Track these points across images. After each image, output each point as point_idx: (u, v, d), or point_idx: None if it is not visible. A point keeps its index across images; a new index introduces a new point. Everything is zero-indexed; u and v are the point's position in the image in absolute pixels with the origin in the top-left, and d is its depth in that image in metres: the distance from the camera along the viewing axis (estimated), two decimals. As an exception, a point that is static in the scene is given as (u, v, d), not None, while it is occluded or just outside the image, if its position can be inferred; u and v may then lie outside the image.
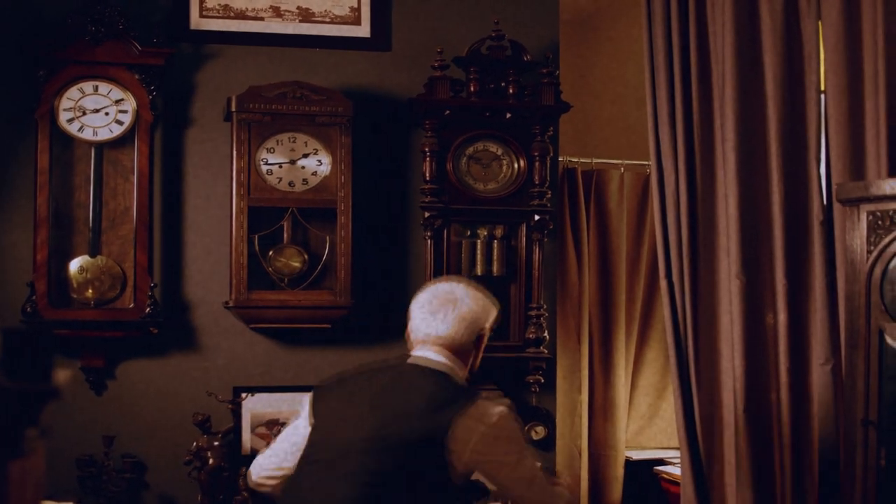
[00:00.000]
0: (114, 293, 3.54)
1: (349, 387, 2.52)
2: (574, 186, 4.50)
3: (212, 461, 3.50)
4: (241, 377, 3.70)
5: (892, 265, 2.81)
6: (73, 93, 3.50)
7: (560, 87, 3.80)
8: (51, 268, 3.46)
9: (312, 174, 3.63)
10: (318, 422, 2.48)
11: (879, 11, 3.11)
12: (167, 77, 3.61)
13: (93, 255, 3.52)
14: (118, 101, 3.53)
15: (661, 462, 4.55)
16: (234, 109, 3.55)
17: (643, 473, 4.57)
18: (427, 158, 3.69)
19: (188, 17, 3.71)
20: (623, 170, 4.60)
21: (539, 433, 3.77)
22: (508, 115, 3.73)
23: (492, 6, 3.88)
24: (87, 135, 3.51)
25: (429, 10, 3.89)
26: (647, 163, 3.91)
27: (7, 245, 3.55)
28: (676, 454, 4.12)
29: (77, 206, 3.54)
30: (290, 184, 3.61)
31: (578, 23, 5.36)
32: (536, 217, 3.74)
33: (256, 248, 3.57)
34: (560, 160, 4.14)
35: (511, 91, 3.74)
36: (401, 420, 2.36)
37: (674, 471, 4.31)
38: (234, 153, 3.55)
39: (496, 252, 3.75)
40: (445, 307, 2.53)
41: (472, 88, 3.72)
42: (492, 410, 2.38)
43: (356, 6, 3.84)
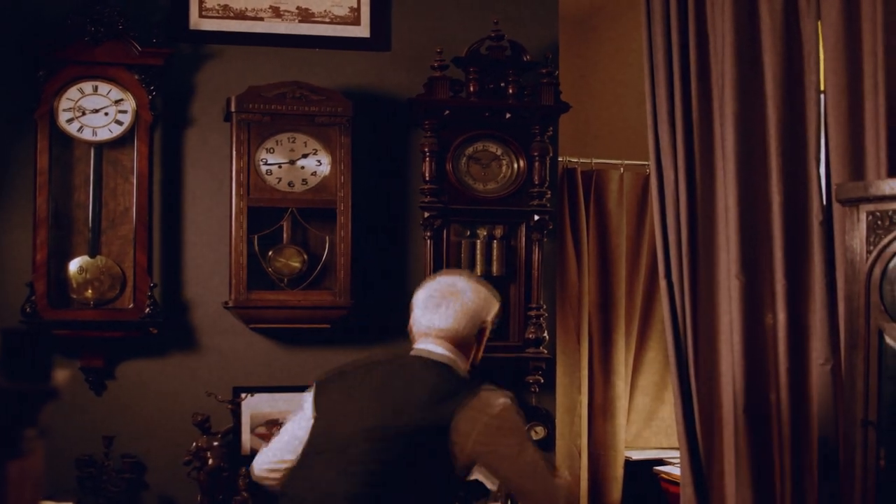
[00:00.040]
0: (113, 293, 3.54)
1: (351, 379, 2.52)
2: (574, 186, 4.50)
3: (211, 461, 3.50)
4: (241, 377, 3.70)
5: (892, 265, 2.81)
6: (73, 93, 3.50)
7: (559, 87, 3.80)
8: (50, 268, 3.46)
9: (312, 174, 3.63)
10: (321, 414, 2.49)
11: (879, 11, 3.11)
12: (167, 77, 3.61)
13: (92, 256, 3.52)
14: (118, 102, 3.53)
15: (661, 462, 4.55)
16: (234, 109, 3.55)
17: (643, 473, 4.57)
18: (426, 158, 3.69)
19: (188, 18, 3.71)
20: (622, 170, 4.60)
21: (539, 433, 3.77)
22: (508, 116, 3.73)
23: (491, 6, 3.88)
24: (87, 135, 3.51)
25: (428, 11, 3.89)
26: (647, 163, 3.91)
27: (6, 245, 3.55)
28: (676, 454, 4.11)
29: (76, 207, 3.54)
30: (290, 184, 3.61)
31: (578, 23, 5.36)
32: (536, 217, 3.74)
33: (256, 249, 3.57)
34: (560, 160, 4.14)
35: (511, 91, 3.74)
36: (404, 411, 2.37)
37: (673, 471, 4.31)
38: (234, 153, 3.55)
39: (496, 252, 3.75)
40: (448, 300, 2.54)
41: (472, 88, 3.72)
42: (494, 402, 2.39)
43: (356, 6, 3.84)
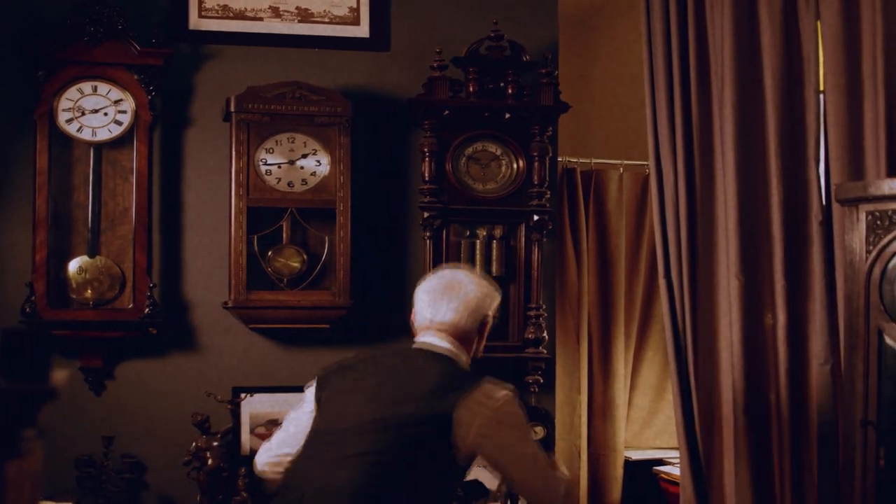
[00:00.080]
0: (113, 293, 3.54)
1: (353, 371, 2.53)
2: (573, 186, 4.50)
3: (211, 461, 3.49)
4: (240, 377, 3.70)
5: (892, 265, 2.81)
6: (72, 93, 3.49)
7: (559, 87, 3.79)
8: (50, 268, 3.46)
9: (311, 174, 3.63)
10: (323, 406, 2.50)
11: (878, 11, 3.12)
12: (166, 77, 3.61)
13: (92, 256, 3.52)
14: (117, 102, 3.53)
15: (661, 462, 4.54)
16: (233, 110, 3.55)
17: (642, 473, 4.57)
18: (426, 158, 3.68)
19: (187, 18, 3.71)
20: (622, 170, 4.60)
21: (538, 433, 3.77)
22: (507, 116, 3.73)
23: (491, 6, 3.88)
24: (86, 135, 3.51)
25: (428, 11, 3.89)
26: (646, 163, 3.91)
27: (6, 245, 3.55)
28: (676, 454, 4.11)
29: (76, 207, 3.54)
30: (290, 184, 3.61)
31: (578, 22, 5.35)
32: (535, 217, 3.74)
33: (255, 249, 3.56)
34: (559, 160, 4.14)
35: (510, 91, 3.74)
36: (406, 402, 2.38)
37: (673, 471, 4.30)
38: (233, 153, 3.55)
39: (495, 252, 3.75)
40: (450, 293, 2.56)
41: (471, 89, 3.72)
42: (496, 394, 2.40)
43: (355, 6, 3.84)
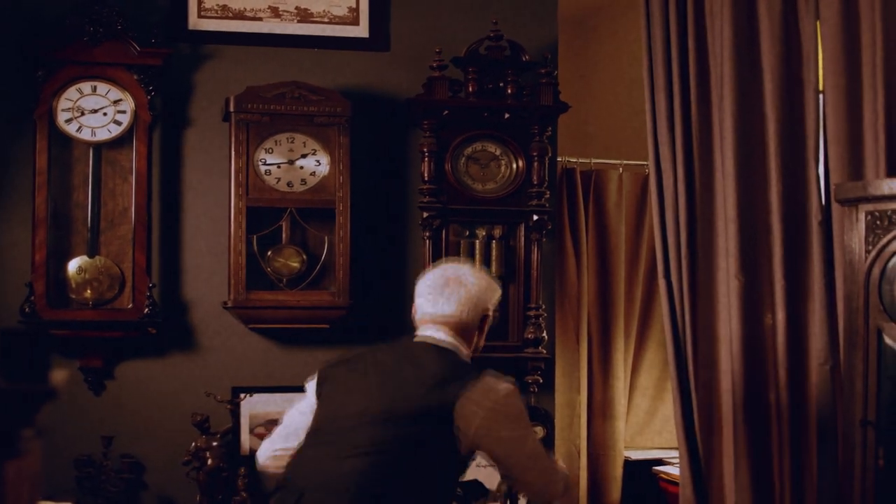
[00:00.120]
0: (112, 293, 3.54)
1: (354, 365, 2.54)
2: (573, 186, 4.49)
3: (210, 461, 3.49)
4: (240, 377, 3.70)
5: (891, 265, 2.81)
6: (72, 93, 3.50)
7: (559, 87, 3.79)
8: (49, 268, 3.46)
9: (311, 174, 3.63)
10: (324, 399, 2.51)
11: (878, 11, 3.11)
12: (165, 77, 3.61)
13: (91, 256, 3.52)
14: (116, 102, 3.53)
15: (660, 462, 4.54)
16: (233, 110, 3.55)
17: (642, 473, 4.56)
18: (425, 158, 3.68)
19: (186, 18, 3.71)
20: (622, 170, 4.59)
21: (538, 433, 3.77)
22: (507, 116, 3.73)
23: (491, 6, 3.88)
24: (86, 135, 3.51)
25: (427, 11, 3.89)
26: (646, 163, 3.90)
27: (5, 245, 3.55)
28: (675, 454, 4.11)
29: (75, 207, 3.54)
30: (289, 184, 3.61)
31: (578, 23, 5.35)
32: (535, 217, 3.74)
33: (255, 249, 3.56)
34: (559, 160, 4.14)
35: (510, 91, 3.73)
36: (407, 395, 2.39)
37: (672, 471, 4.30)
38: (233, 153, 3.55)
39: (495, 252, 3.75)
40: (451, 287, 2.58)
41: (471, 89, 3.72)
42: (498, 387, 2.42)
43: (354, 6, 3.83)
